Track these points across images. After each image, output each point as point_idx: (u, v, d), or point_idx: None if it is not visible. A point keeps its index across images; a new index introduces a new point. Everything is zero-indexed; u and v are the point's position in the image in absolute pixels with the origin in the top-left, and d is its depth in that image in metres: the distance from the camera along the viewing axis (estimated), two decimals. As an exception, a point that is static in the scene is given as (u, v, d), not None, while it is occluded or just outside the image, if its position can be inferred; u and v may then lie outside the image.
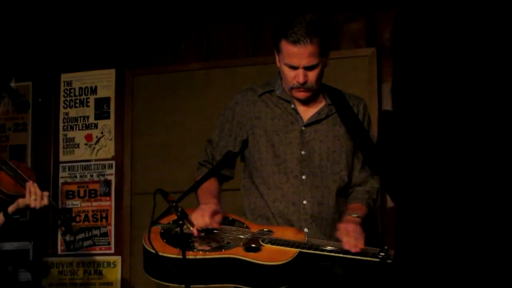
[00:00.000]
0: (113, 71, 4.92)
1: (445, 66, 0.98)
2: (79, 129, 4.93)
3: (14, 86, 4.83)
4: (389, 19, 4.29)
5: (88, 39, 4.97)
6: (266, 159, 2.93)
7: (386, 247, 2.61)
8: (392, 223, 3.99)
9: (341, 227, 2.74)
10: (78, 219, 4.81)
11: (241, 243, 2.76)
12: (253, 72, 4.48)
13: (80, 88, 4.96)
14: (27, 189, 3.55)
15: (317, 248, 2.67)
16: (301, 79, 2.84)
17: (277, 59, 2.93)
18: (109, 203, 4.81)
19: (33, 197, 3.53)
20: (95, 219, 4.80)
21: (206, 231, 2.80)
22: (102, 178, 4.85)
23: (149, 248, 2.75)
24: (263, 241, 2.75)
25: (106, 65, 4.93)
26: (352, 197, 2.97)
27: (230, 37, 4.74)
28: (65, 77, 5.00)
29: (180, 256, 2.66)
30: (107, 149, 4.86)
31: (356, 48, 4.51)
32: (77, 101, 4.96)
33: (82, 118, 4.94)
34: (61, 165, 4.92)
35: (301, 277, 2.69)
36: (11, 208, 3.55)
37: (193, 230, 2.77)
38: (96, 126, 4.91)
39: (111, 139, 4.86)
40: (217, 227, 2.82)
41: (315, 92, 2.94)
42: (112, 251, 4.76)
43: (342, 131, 2.96)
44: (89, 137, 4.90)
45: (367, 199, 2.95)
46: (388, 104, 1.11)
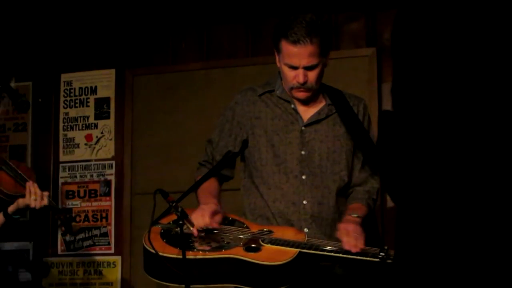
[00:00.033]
0: (113, 71, 4.92)
1: (445, 66, 0.98)
2: (79, 129, 4.93)
3: (14, 86, 4.82)
4: (389, 19, 4.29)
5: (88, 39, 4.97)
6: (266, 159, 2.93)
7: (386, 247, 2.61)
8: (392, 223, 3.98)
9: (341, 227, 2.74)
10: (78, 219, 4.81)
11: (241, 243, 2.76)
12: (253, 72, 4.48)
13: (80, 88, 4.96)
14: (27, 189, 3.55)
15: (317, 248, 2.67)
16: (301, 79, 2.83)
17: (277, 59, 2.93)
18: (109, 203, 4.81)
19: (33, 197, 3.52)
20: (95, 219, 4.80)
21: (206, 231, 2.80)
22: (102, 178, 4.84)
23: (149, 248, 2.75)
24: (263, 241, 2.75)
25: (106, 65, 4.93)
26: (352, 197, 2.97)
27: (230, 37, 4.74)
28: (65, 77, 5.00)
29: (180, 256, 2.66)
30: (107, 149, 4.86)
31: (356, 48, 4.51)
32: (77, 101, 4.96)
33: (82, 118, 4.94)
34: (61, 165, 4.92)
35: (301, 277, 2.69)
36: (11, 208, 3.55)
37: (193, 230, 2.77)
38: (96, 126, 4.90)
39: (111, 139, 4.86)
40: (217, 227, 2.82)
41: (315, 92, 2.94)
42: (112, 251, 4.76)
43: (342, 131, 2.96)
44: (89, 137, 4.90)
45: (367, 199, 2.95)
46: (388, 104, 1.11)
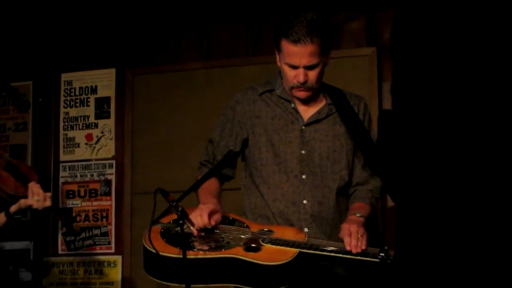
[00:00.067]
0: (113, 70, 4.92)
1: (445, 65, 0.98)
2: (79, 129, 4.93)
3: (14, 85, 4.82)
4: (389, 18, 4.29)
5: (89, 38, 4.97)
6: (266, 158, 2.92)
7: (386, 247, 2.61)
8: (392, 223, 3.98)
9: (343, 227, 2.72)
10: (78, 218, 4.81)
11: (241, 243, 2.75)
12: (253, 71, 4.48)
13: (81, 88, 4.96)
14: (29, 190, 3.55)
15: (317, 248, 2.66)
16: (301, 79, 2.83)
17: (277, 58, 2.92)
18: (109, 203, 4.81)
19: (36, 198, 3.53)
20: (95, 219, 4.80)
21: (206, 231, 2.80)
22: (102, 178, 4.84)
23: (149, 248, 2.74)
24: (263, 241, 2.75)
25: (107, 65, 4.93)
26: (354, 196, 2.96)
27: (230, 36, 4.74)
28: (65, 76, 5.00)
29: (180, 256, 2.66)
30: (107, 148, 4.86)
31: (357, 48, 4.50)
32: (78, 100, 4.96)
33: (82, 118, 4.94)
34: (61, 164, 4.92)
35: (301, 277, 2.69)
36: (13, 208, 3.55)
37: (193, 230, 2.76)
38: (96, 126, 4.90)
39: (111, 139, 4.86)
40: (218, 226, 2.81)
41: (316, 91, 2.93)
42: (112, 250, 4.76)
43: (342, 130, 2.95)
44: (89, 137, 4.90)
45: (370, 198, 2.94)
46: (389, 104, 1.11)
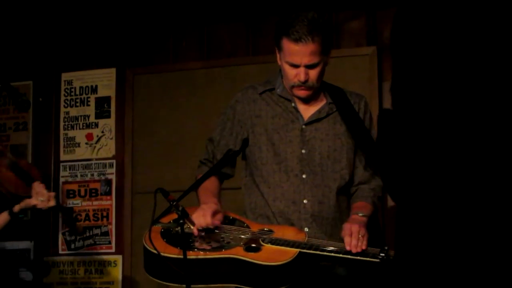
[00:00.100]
0: (113, 70, 4.92)
1: (444, 64, 0.98)
2: (79, 128, 4.93)
3: (14, 85, 4.82)
4: (389, 17, 4.28)
5: (89, 38, 4.97)
6: (267, 157, 2.92)
7: (386, 247, 2.60)
8: (392, 223, 3.98)
9: (345, 226, 2.71)
10: (79, 218, 4.81)
11: (242, 243, 2.75)
12: (254, 71, 4.48)
13: (81, 87, 4.96)
14: (34, 190, 3.55)
15: (317, 248, 2.65)
16: (302, 78, 2.82)
17: (278, 57, 2.91)
18: (110, 202, 4.81)
19: (40, 198, 3.53)
20: (96, 218, 4.80)
21: (206, 231, 2.79)
22: (102, 177, 4.84)
23: (150, 249, 2.73)
24: (263, 240, 2.74)
25: (107, 64, 4.93)
26: (357, 195, 2.95)
27: (230, 36, 4.74)
28: (65, 76, 5.00)
29: (180, 256, 2.65)
30: (107, 148, 4.86)
31: (357, 47, 4.50)
32: (78, 100, 4.96)
33: (82, 117, 4.94)
34: (61, 164, 4.92)
35: (301, 277, 2.68)
36: (17, 208, 3.56)
37: (194, 229, 2.76)
38: (96, 125, 4.90)
39: (111, 138, 4.86)
40: (219, 226, 2.81)
41: (316, 90, 2.93)
42: (113, 250, 4.76)
43: (343, 129, 2.95)
44: (89, 136, 4.90)
45: (372, 197, 2.93)
46: (389, 103, 1.10)
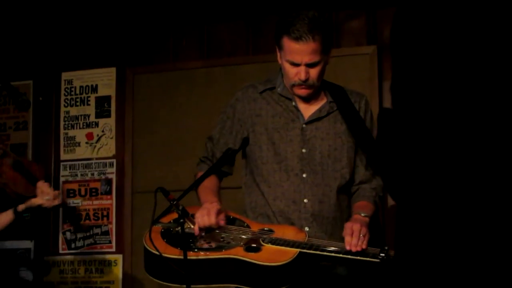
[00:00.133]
0: (113, 69, 4.92)
1: (444, 64, 0.98)
2: (80, 128, 4.93)
3: (14, 84, 4.83)
4: (389, 17, 4.27)
5: (89, 37, 4.97)
6: (267, 157, 2.91)
7: (386, 247, 2.60)
8: (392, 223, 3.98)
9: (347, 226, 2.71)
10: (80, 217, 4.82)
11: (242, 243, 2.74)
12: (254, 70, 4.48)
13: (81, 87, 4.96)
14: (39, 189, 3.56)
15: (317, 248, 2.65)
16: (302, 76, 2.82)
17: (278, 55, 2.90)
18: (110, 202, 4.81)
19: (46, 197, 3.54)
20: (96, 218, 4.80)
21: (207, 230, 2.78)
22: (103, 177, 4.84)
23: (151, 249, 2.72)
24: (263, 240, 2.74)
25: (107, 64, 4.93)
26: (358, 194, 2.95)
27: (230, 35, 4.74)
28: (65, 75, 5.00)
29: (181, 257, 2.64)
30: (108, 147, 4.86)
31: (357, 46, 4.50)
32: (78, 99, 4.96)
33: (83, 117, 4.94)
34: (62, 163, 4.93)
35: (302, 277, 2.68)
36: (22, 207, 3.56)
37: (195, 229, 2.75)
38: (97, 125, 4.90)
39: (112, 138, 4.86)
40: (223, 226, 2.80)
41: (317, 89, 2.92)
42: (113, 249, 4.76)
43: (343, 128, 2.94)
44: (90, 136, 4.90)
45: (374, 197, 2.93)
46: (389, 102, 1.10)
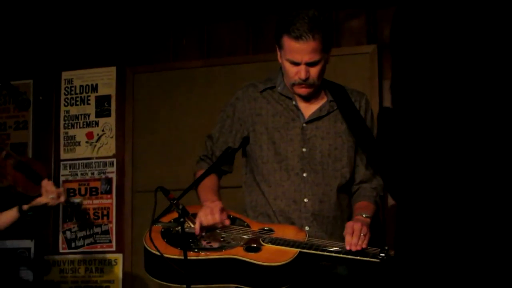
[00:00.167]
0: (113, 68, 4.92)
1: (444, 63, 0.98)
2: (80, 127, 4.93)
3: (14, 84, 4.83)
4: (390, 16, 4.26)
5: (89, 37, 4.97)
6: (267, 156, 2.91)
7: (386, 247, 2.60)
8: (393, 223, 3.98)
9: (348, 225, 2.71)
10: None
11: (242, 243, 2.73)
12: (254, 69, 4.48)
13: (81, 86, 4.96)
14: (43, 188, 3.56)
15: (317, 248, 2.65)
16: (303, 75, 2.82)
17: (278, 55, 2.90)
18: (110, 201, 4.81)
19: (51, 196, 3.54)
20: (96, 217, 4.80)
21: (207, 230, 2.78)
22: (103, 176, 4.84)
23: (150, 249, 2.72)
24: (263, 240, 2.73)
25: (107, 63, 4.93)
26: (358, 194, 2.95)
27: (230, 34, 4.74)
28: (66, 75, 5.00)
29: (181, 257, 2.63)
30: (108, 147, 4.86)
31: (357, 45, 4.50)
32: (78, 99, 4.96)
33: (83, 116, 4.94)
34: (62, 163, 4.93)
35: (302, 277, 2.68)
36: (26, 206, 3.56)
37: (196, 228, 2.75)
38: (97, 124, 4.91)
39: (112, 137, 4.86)
40: (226, 225, 2.80)
41: (317, 88, 2.92)
42: (113, 248, 4.76)
43: (344, 127, 2.94)
44: (90, 135, 4.90)
45: (374, 197, 2.92)
46: (389, 101, 1.10)
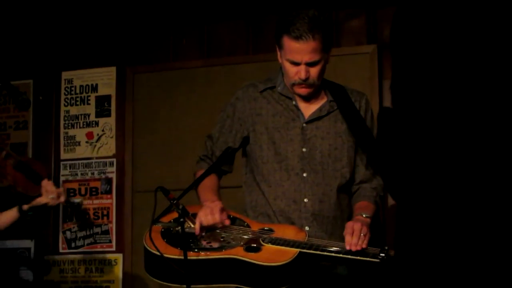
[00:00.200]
0: (113, 68, 4.92)
1: (444, 63, 0.98)
2: (80, 127, 4.93)
3: (14, 84, 4.83)
4: (390, 16, 4.26)
5: (89, 36, 4.97)
6: (267, 156, 2.91)
7: (386, 247, 2.60)
8: (392, 223, 3.98)
9: (348, 225, 2.71)
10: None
11: (242, 243, 2.73)
12: (254, 69, 4.48)
13: (81, 86, 4.96)
14: (43, 188, 3.56)
15: (317, 248, 2.65)
16: (303, 75, 2.82)
17: (278, 54, 2.90)
18: (110, 201, 4.81)
19: (51, 196, 3.54)
20: (96, 217, 4.80)
21: (207, 230, 2.78)
22: (103, 176, 4.84)
23: (151, 249, 2.71)
24: (263, 240, 2.73)
25: (107, 63, 4.93)
26: (359, 194, 2.95)
27: (230, 34, 4.74)
28: (66, 75, 5.00)
29: (181, 257, 2.63)
30: (108, 146, 4.86)
31: (357, 45, 4.50)
32: (78, 99, 4.96)
33: (83, 116, 4.94)
34: (62, 163, 4.93)
35: (302, 277, 2.68)
36: (26, 206, 3.56)
37: (196, 228, 2.75)
38: (97, 124, 4.91)
39: (112, 137, 4.86)
40: (226, 225, 2.80)
41: (317, 88, 2.92)
42: (113, 248, 4.76)
43: (344, 127, 2.94)
44: (90, 135, 4.90)
45: (374, 197, 2.92)
46: (389, 101, 1.10)
